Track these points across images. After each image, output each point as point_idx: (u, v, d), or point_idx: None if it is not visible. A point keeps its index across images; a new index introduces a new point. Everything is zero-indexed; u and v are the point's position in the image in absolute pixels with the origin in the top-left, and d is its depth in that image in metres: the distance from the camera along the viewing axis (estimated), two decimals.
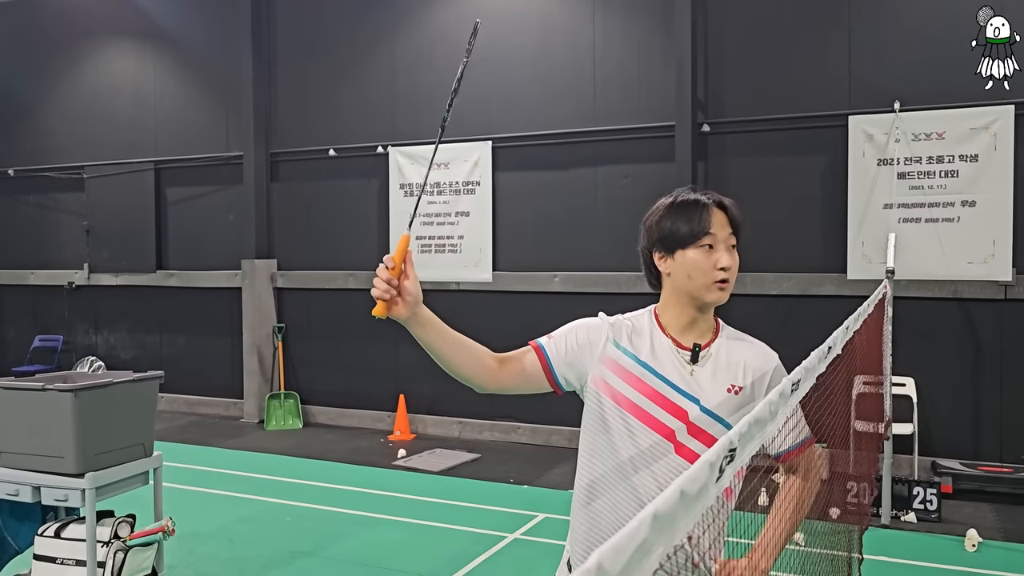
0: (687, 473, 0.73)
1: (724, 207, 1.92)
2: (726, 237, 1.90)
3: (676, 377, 1.90)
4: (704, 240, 1.88)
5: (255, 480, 7.13)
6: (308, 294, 9.59)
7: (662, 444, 1.87)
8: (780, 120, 7.40)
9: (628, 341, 1.96)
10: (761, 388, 1.92)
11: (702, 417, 1.87)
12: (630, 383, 1.91)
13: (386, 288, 1.79)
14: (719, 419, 1.87)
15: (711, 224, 1.88)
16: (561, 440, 8.17)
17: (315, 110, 9.48)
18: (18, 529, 4.29)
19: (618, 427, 1.90)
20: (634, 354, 1.93)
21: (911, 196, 6.87)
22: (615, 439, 1.91)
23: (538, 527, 5.80)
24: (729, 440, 0.86)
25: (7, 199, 11.55)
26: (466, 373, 1.93)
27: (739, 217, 1.94)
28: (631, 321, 2.01)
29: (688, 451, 1.87)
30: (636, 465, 1.89)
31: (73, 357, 10.94)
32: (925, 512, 5.89)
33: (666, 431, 1.87)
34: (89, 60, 10.86)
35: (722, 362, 1.93)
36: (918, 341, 6.84)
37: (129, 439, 4.16)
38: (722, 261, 1.87)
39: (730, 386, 1.90)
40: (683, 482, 0.70)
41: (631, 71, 7.98)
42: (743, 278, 7.39)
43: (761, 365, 1.94)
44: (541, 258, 8.35)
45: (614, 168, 8.04)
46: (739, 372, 1.92)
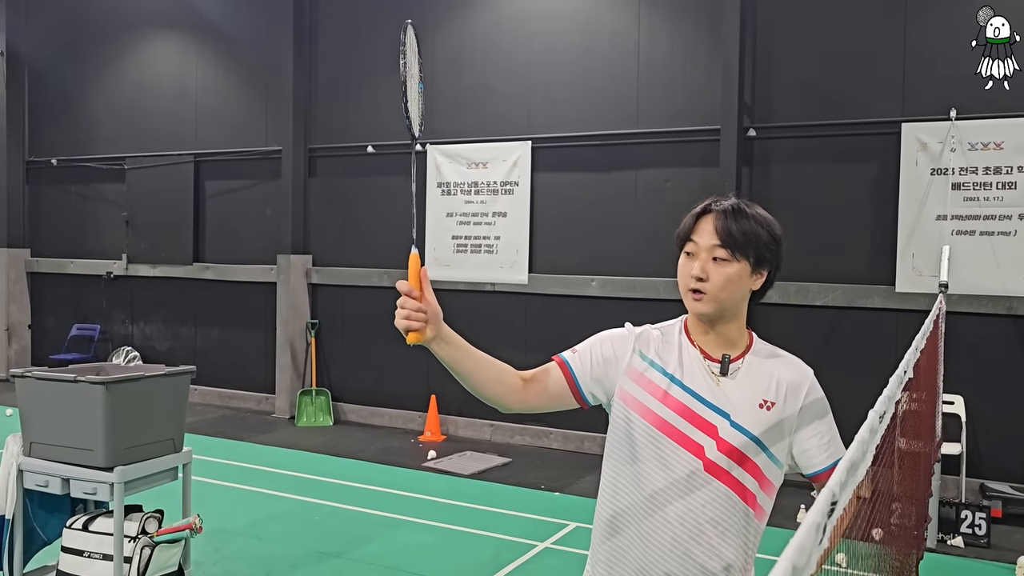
0: (794, 543, 0.61)
1: (722, 216, 1.80)
2: (708, 247, 1.80)
3: (705, 391, 1.82)
4: (688, 247, 1.84)
5: (284, 477, 7.09)
6: (342, 291, 9.56)
7: (691, 461, 1.79)
8: (829, 126, 7.18)
9: (655, 353, 1.88)
10: (795, 404, 1.83)
11: (732, 433, 1.79)
12: (657, 397, 1.83)
13: (418, 316, 1.72)
14: (749, 435, 1.79)
15: (695, 231, 1.83)
16: (594, 447, 8.03)
17: (354, 106, 9.44)
18: (47, 520, 4.27)
19: (646, 444, 1.82)
20: (661, 366, 1.86)
21: (966, 208, 6.62)
22: (641, 461, 1.82)
23: (569, 536, 5.68)
24: (831, 493, 0.74)
25: (50, 188, 11.70)
26: (491, 392, 1.87)
27: (741, 229, 1.79)
28: (660, 331, 1.94)
29: (717, 468, 1.78)
30: (667, 492, 1.79)
31: (110, 347, 11.05)
32: (973, 536, 5.66)
33: (695, 447, 1.79)
34: (133, 52, 10.95)
35: (753, 376, 1.84)
36: (969, 358, 6.59)
37: (159, 434, 4.12)
38: (693, 270, 1.80)
39: (762, 401, 1.81)
40: (792, 555, 0.58)
41: (676, 72, 7.82)
42: (786, 288, 7.22)
43: (794, 380, 1.85)
44: (578, 261, 8.21)
45: (656, 172, 7.88)
46: (771, 387, 1.83)
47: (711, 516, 1.77)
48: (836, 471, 0.80)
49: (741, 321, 1.88)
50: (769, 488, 1.83)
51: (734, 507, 1.78)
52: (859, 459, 0.89)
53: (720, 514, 1.77)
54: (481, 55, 8.72)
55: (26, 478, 4.03)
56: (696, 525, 1.77)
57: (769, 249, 1.82)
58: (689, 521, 1.77)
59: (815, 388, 1.86)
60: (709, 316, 1.83)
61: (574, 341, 2.01)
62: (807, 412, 1.84)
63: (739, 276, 1.80)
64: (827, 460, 1.84)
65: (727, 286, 1.79)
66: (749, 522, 1.80)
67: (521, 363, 1.96)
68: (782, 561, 0.58)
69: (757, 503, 1.81)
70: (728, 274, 1.78)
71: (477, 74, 8.72)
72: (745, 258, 1.79)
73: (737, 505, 1.78)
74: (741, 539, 1.80)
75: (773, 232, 1.84)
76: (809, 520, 0.66)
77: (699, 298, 1.80)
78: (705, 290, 1.79)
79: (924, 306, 6.54)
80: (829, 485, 0.75)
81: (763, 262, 1.83)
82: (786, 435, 1.82)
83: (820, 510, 0.68)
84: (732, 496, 1.78)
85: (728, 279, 1.78)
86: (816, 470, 1.84)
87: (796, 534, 0.63)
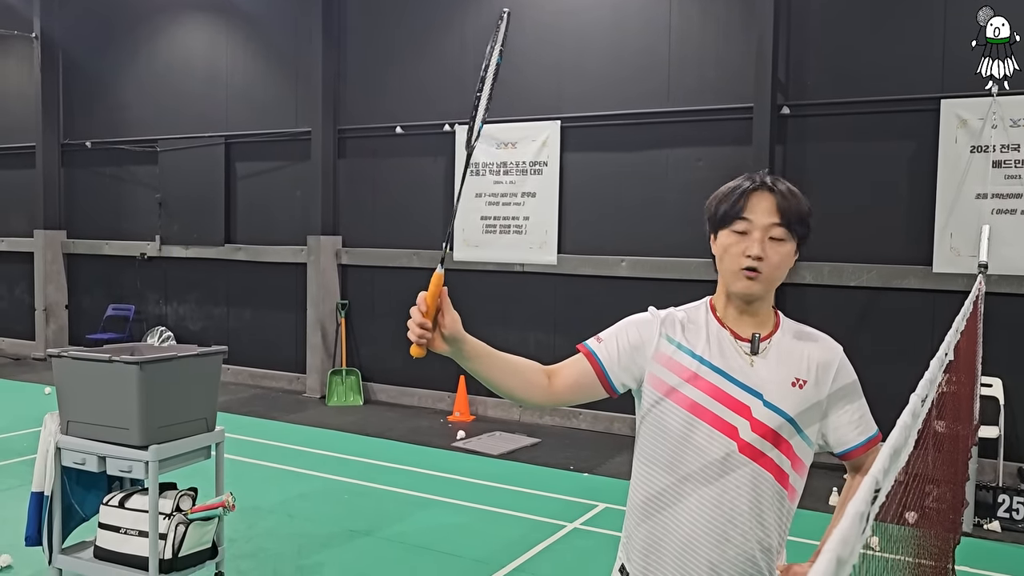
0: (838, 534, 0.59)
1: (778, 194, 1.77)
2: (766, 226, 1.75)
3: (736, 371, 1.79)
4: (737, 224, 1.77)
5: (315, 456, 7.16)
6: (372, 271, 9.59)
7: (725, 443, 1.76)
8: (866, 103, 7.03)
9: (682, 335, 1.85)
10: (826, 382, 1.81)
11: (765, 412, 1.76)
12: (688, 379, 1.80)
13: (420, 333, 1.70)
14: (783, 414, 1.76)
15: (747, 208, 1.76)
16: (623, 428, 8.00)
17: (383, 87, 9.42)
18: (84, 497, 4.35)
19: (678, 429, 1.80)
20: (690, 349, 1.82)
21: (1007, 186, 6.46)
22: (675, 445, 1.80)
23: (598, 517, 5.67)
24: (874, 480, 0.71)
25: (84, 171, 11.86)
26: (519, 395, 1.86)
27: (795, 208, 1.76)
28: (685, 313, 1.90)
29: (752, 449, 1.76)
30: (701, 475, 1.77)
31: (144, 327, 11.21)
32: (1011, 521, 5.56)
33: (729, 429, 1.76)
34: (164, 35, 11.01)
35: (784, 354, 1.81)
36: (1008, 340, 6.45)
37: (192, 413, 4.17)
38: (751, 249, 1.74)
39: (794, 379, 1.79)
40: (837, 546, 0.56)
41: (708, 49, 7.68)
42: (820, 268, 7.11)
43: (825, 358, 1.83)
44: (608, 241, 8.15)
45: (687, 151, 7.77)
46: (802, 365, 1.81)
47: (748, 498, 1.75)
48: (879, 458, 0.77)
49: (772, 299, 1.88)
50: (801, 468, 1.82)
51: (770, 488, 1.76)
52: (901, 445, 0.86)
53: (757, 496, 1.75)
54: (511, 36, 8.61)
55: (64, 456, 4.10)
56: (733, 508, 1.75)
57: (809, 227, 1.82)
58: (726, 504, 1.76)
59: (845, 364, 1.85)
60: (757, 295, 1.80)
61: (604, 322, 1.98)
62: (839, 390, 1.82)
63: (790, 255, 1.80)
64: (859, 437, 1.83)
65: (781, 265, 1.78)
66: (783, 503, 1.79)
67: (550, 344, 1.95)
68: (826, 552, 0.55)
69: (790, 484, 1.79)
70: (784, 253, 1.78)
71: (506, 53, 8.61)
72: (797, 237, 1.80)
73: (773, 486, 1.76)
74: (776, 520, 1.79)
75: (811, 210, 1.84)
76: (853, 510, 0.63)
77: (754, 276, 1.76)
78: (761, 269, 1.75)
79: (962, 287, 6.40)
80: (872, 472, 0.72)
81: (804, 240, 1.83)
82: (818, 413, 1.81)
83: (864, 499, 0.65)
84: (767, 477, 1.76)
85: (783, 258, 1.78)
86: (847, 447, 1.84)
87: (840, 524, 0.60)
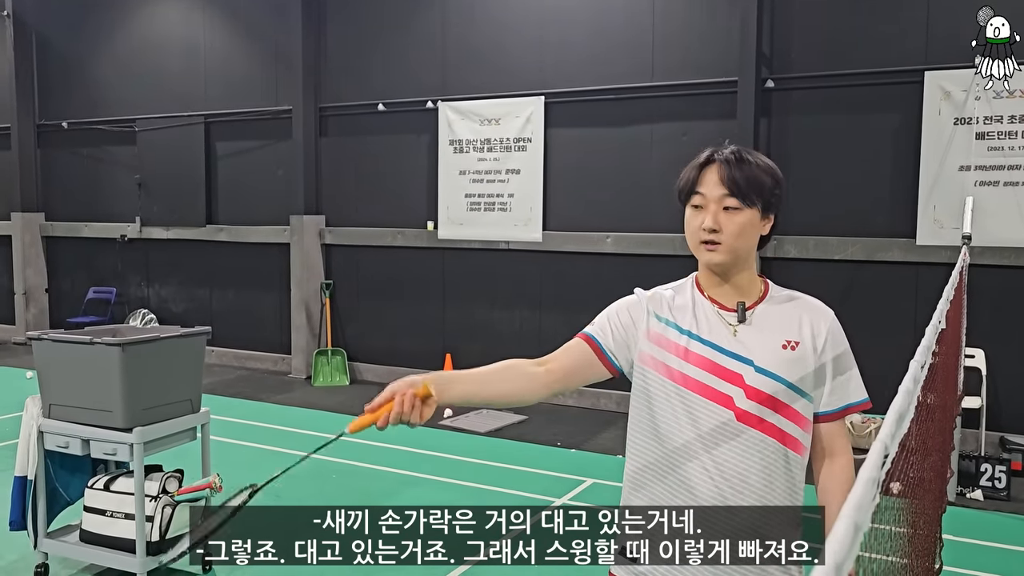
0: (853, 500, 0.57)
1: (727, 164, 1.80)
2: (717, 197, 1.80)
3: (724, 341, 1.82)
4: (694, 199, 1.83)
5: (302, 436, 7.13)
6: (356, 251, 9.52)
7: (722, 413, 1.78)
8: (850, 76, 7.01)
9: (669, 312, 1.89)
10: (819, 343, 1.82)
11: (758, 378, 1.78)
12: (678, 355, 1.83)
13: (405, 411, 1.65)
14: (777, 378, 1.78)
15: (700, 183, 1.82)
16: (609, 404, 8.03)
17: (364, 64, 9.31)
18: (69, 480, 4.32)
19: (672, 404, 1.81)
20: (677, 324, 1.86)
21: (990, 158, 6.47)
22: (668, 420, 1.82)
23: (586, 492, 5.69)
24: (883, 446, 0.69)
25: (61, 152, 11.67)
26: (517, 400, 1.88)
27: (747, 176, 1.78)
28: (671, 290, 1.94)
29: (750, 416, 1.77)
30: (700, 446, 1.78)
31: (126, 309, 11.10)
32: (993, 490, 5.64)
33: (723, 399, 1.78)
34: (140, 12, 10.81)
35: (773, 319, 1.84)
36: (991, 311, 6.50)
37: (177, 394, 4.13)
38: (705, 222, 1.80)
39: (785, 342, 1.82)
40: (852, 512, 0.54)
41: (692, 23, 7.63)
42: (805, 242, 7.12)
43: (816, 320, 1.85)
44: (593, 218, 8.12)
45: (672, 125, 7.74)
46: (794, 327, 1.83)
47: (754, 465, 1.76)
48: (885, 424, 0.76)
49: (752, 269, 1.89)
50: (807, 425, 1.83)
51: (774, 452, 1.78)
52: (905, 410, 0.85)
53: (763, 462, 1.77)
54: (491, 10, 8.54)
55: (46, 439, 4.06)
56: (737, 475, 1.76)
57: (774, 194, 1.83)
58: (728, 472, 1.77)
59: (836, 326, 1.87)
60: (724, 266, 1.83)
61: (590, 298, 1.99)
62: (829, 352, 1.84)
63: (751, 223, 1.81)
64: (837, 403, 1.84)
65: (741, 234, 1.80)
66: (790, 461, 1.80)
67: (536, 321, 1.94)
68: (843, 519, 0.54)
69: (797, 442, 1.81)
70: (741, 223, 1.80)
71: (488, 28, 8.56)
72: (754, 205, 1.80)
73: (777, 450, 1.78)
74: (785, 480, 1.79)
75: (776, 176, 1.85)
76: (864, 476, 0.61)
77: (713, 248, 1.80)
78: (720, 240, 1.79)
79: (945, 259, 6.44)
80: (881, 437, 0.71)
81: (770, 207, 1.84)
82: (811, 370, 1.82)
83: (874, 464, 0.64)
84: (769, 441, 1.77)
85: (741, 227, 1.80)
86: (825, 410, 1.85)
87: (852, 491, 0.59)
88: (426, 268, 9.05)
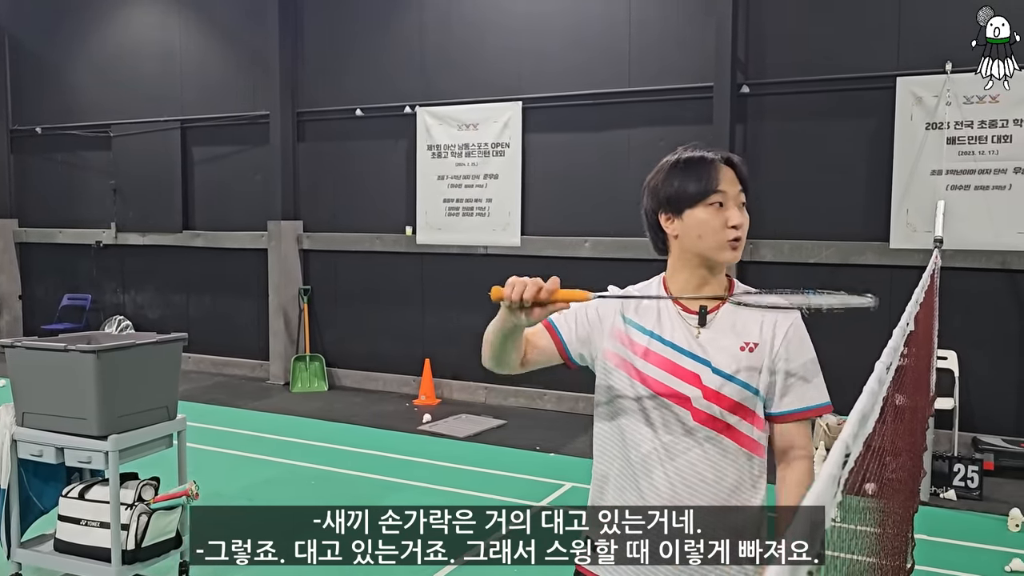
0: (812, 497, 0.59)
1: (732, 163, 1.84)
2: (736, 195, 1.82)
3: (683, 341, 1.84)
4: (714, 198, 1.80)
5: (280, 442, 7.09)
6: (334, 256, 9.49)
7: (680, 413, 1.80)
8: (824, 81, 7.10)
9: (635, 313, 1.91)
10: (777, 343, 1.81)
11: (715, 379, 1.80)
12: (640, 354, 1.86)
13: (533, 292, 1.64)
14: (734, 379, 1.80)
15: (720, 181, 1.81)
16: (587, 408, 8.01)
17: (342, 69, 9.29)
18: (43, 489, 4.26)
19: (633, 403, 1.85)
20: (640, 324, 1.89)
21: (960, 162, 6.58)
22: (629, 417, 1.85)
23: (565, 496, 5.71)
24: (844, 445, 0.71)
25: (36, 157, 11.53)
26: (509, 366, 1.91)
27: (747, 174, 1.86)
28: (638, 291, 1.97)
29: (707, 416, 1.79)
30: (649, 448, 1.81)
31: (101, 316, 10.98)
32: (966, 490, 5.72)
33: (681, 398, 1.81)
34: (115, 16, 10.72)
35: (734, 321, 1.85)
36: (962, 313, 6.60)
37: (153, 402, 4.10)
38: (733, 219, 1.80)
39: (743, 344, 1.83)
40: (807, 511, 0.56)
41: (668, 29, 7.69)
42: (780, 246, 7.19)
43: (780, 320, 1.84)
44: (571, 222, 8.15)
45: (649, 130, 7.79)
46: (754, 329, 1.84)
47: (709, 465, 1.78)
48: (848, 423, 0.78)
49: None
50: (763, 424, 1.84)
51: (732, 453, 1.79)
52: (869, 411, 0.87)
53: (718, 462, 1.79)
54: (468, 15, 8.56)
55: (20, 448, 4.01)
56: (695, 475, 1.78)
57: None
58: (685, 472, 1.78)
59: (798, 330, 1.85)
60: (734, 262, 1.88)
61: None
62: (785, 353, 1.83)
63: None
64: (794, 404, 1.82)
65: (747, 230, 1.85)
66: (747, 462, 1.82)
67: None
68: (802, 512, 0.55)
69: (755, 443, 1.82)
70: (748, 217, 1.84)
71: (466, 34, 8.57)
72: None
73: (734, 451, 1.80)
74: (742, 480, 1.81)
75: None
76: (825, 473, 0.63)
77: (737, 245, 1.82)
78: (742, 236, 1.83)
79: (918, 262, 6.53)
80: (842, 437, 0.73)
81: None
82: (768, 372, 1.82)
83: (835, 462, 0.66)
84: (726, 442, 1.79)
85: (748, 222, 1.85)
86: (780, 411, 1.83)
87: (812, 488, 0.60)
88: (404, 273, 9.04)
